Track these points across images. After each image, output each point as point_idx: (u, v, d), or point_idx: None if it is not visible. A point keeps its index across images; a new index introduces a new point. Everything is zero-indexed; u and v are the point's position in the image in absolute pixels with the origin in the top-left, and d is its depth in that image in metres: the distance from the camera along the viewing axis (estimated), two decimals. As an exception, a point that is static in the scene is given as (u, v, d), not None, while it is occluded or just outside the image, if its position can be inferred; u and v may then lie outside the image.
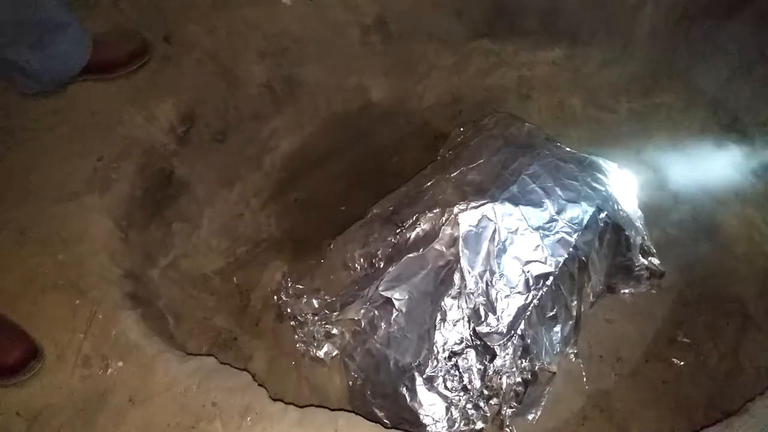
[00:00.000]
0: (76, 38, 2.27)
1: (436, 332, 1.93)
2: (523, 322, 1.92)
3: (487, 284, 1.95)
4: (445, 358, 1.91)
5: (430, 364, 1.91)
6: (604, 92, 2.76)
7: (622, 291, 2.24)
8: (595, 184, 2.14)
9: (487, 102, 2.87)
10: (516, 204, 2.02)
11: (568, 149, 2.27)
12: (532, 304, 1.94)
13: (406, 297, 1.99)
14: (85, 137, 2.21)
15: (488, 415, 1.90)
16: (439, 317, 1.94)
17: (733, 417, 1.52)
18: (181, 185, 2.36)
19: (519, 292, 1.94)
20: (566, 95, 2.83)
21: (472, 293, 1.94)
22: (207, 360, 1.73)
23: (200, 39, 2.55)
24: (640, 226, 2.21)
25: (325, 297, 2.15)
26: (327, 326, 2.10)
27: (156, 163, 2.28)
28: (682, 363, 2.10)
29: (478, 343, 1.92)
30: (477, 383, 1.90)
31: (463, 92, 2.95)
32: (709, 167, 2.48)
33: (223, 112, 2.52)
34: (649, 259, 2.20)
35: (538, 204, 2.05)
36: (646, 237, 2.21)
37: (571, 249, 2.01)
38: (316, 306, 2.14)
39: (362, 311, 2.03)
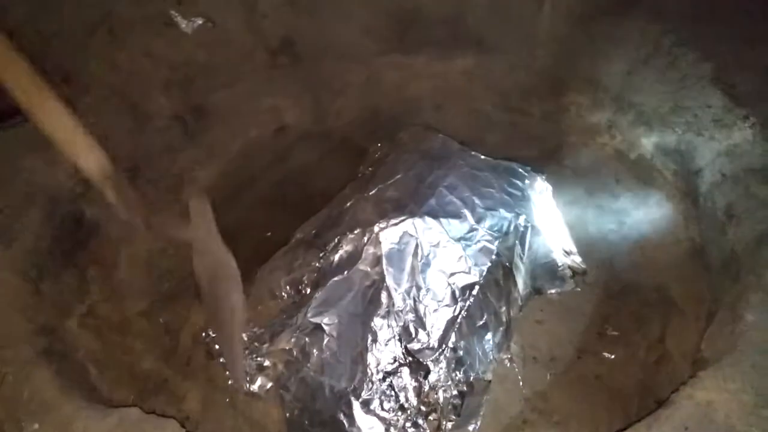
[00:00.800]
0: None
1: (369, 354, 1.91)
2: (453, 334, 1.91)
3: (414, 300, 1.94)
4: (379, 380, 1.89)
5: (365, 387, 1.88)
6: (516, 96, 2.81)
7: (548, 291, 2.27)
8: (511, 190, 2.17)
9: (404, 114, 2.89)
10: (435, 217, 2.02)
11: (482, 157, 2.29)
12: (461, 316, 1.94)
13: (336, 321, 1.96)
14: (-17, 189, 2.10)
15: (428, 431, 1.89)
16: (370, 338, 1.92)
17: (660, 410, 1.54)
18: (93, 227, 2.27)
19: (447, 305, 1.94)
20: (479, 101, 2.87)
21: (401, 311, 1.93)
22: (130, 411, 1.65)
23: (102, 75, 2.47)
24: (560, 226, 2.25)
25: (254, 329, 2.10)
26: (258, 359, 2.04)
27: (63, 208, 2.18)
28: (612, 356, 2.13)
29: (411, 360, 1.90)
30: (413, 401, 1.88)
31: (380, 106, 2.96)
32: (622, 161, 2.55)
33: (131, 148, 2.44)
34: (571, 257, 2.25)
35: (457, 215, 2.06)
36: (566, 236, 2.25)
37: (493, 256, 2.02)
38: (245, 339, 2.08)
39: (293, 340, 2.00)
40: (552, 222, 2.23)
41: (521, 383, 2.10)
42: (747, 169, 2.06)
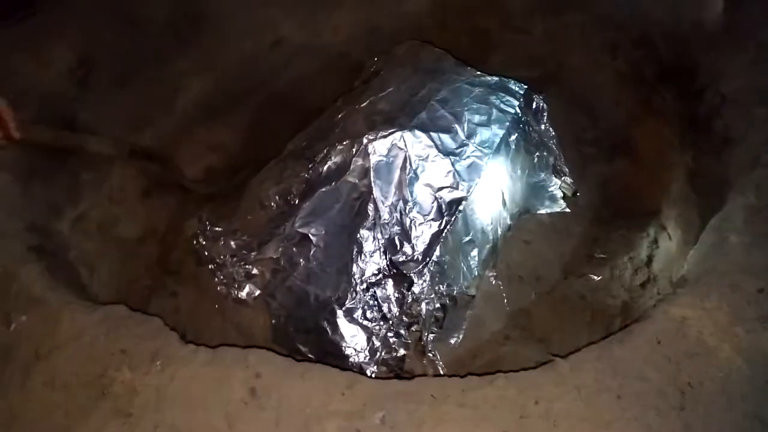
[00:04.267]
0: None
1: (354, 265, 1.93)
2: (438, 248, 1.92)
3: (401, 213, 1.94)
4: (363, 290, 1.92)
5: (349, 296, 1.91)
6: (519, 14, 2.72)
7: (538, 211, 2.26)
8: (504, 107, 2.13)
9: (403, 30, 2.80)
10: (425, 131, 2.00)
11: (477, 73, 2.24)
12: (446, 230, 1.94)
13: (323, 232, 1.98)
14: (-25, 90, 2.08)
15: (410, 341, 1.92)
16: (355, 250, 1.94)
17: (634, 323, 1.55)
18: (86, 132, 2.25)
19: (432, 219, 1.95)
20: (482, 19, 2.78)
21: (387, 223, 1.94)
22: (116, 308, 1.67)
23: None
24: (553, 146, 2.22)
25: (243, 237, 2.12)
26: (246, 267, 2.08)
27: (55, 110, 2.16)
28: (598, 278, 2.14)
29: (395, 272, 1.93)
30: (396, 311, 1.91)
31: (379, 22, 2.87)
32: (622, 84, 2.49)
33: (124, 53, 2.40)
34: (563, 178, 2.23)
35: (447, 129, 2.04)
36: (559, 156, 2.23)
37: (483, 172, 2.01)
38: (234, 247, 2.11)
39: (280, 249, 2.02)
40: (545, 141, 2.20)
41: (506, 301, 2.12)
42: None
